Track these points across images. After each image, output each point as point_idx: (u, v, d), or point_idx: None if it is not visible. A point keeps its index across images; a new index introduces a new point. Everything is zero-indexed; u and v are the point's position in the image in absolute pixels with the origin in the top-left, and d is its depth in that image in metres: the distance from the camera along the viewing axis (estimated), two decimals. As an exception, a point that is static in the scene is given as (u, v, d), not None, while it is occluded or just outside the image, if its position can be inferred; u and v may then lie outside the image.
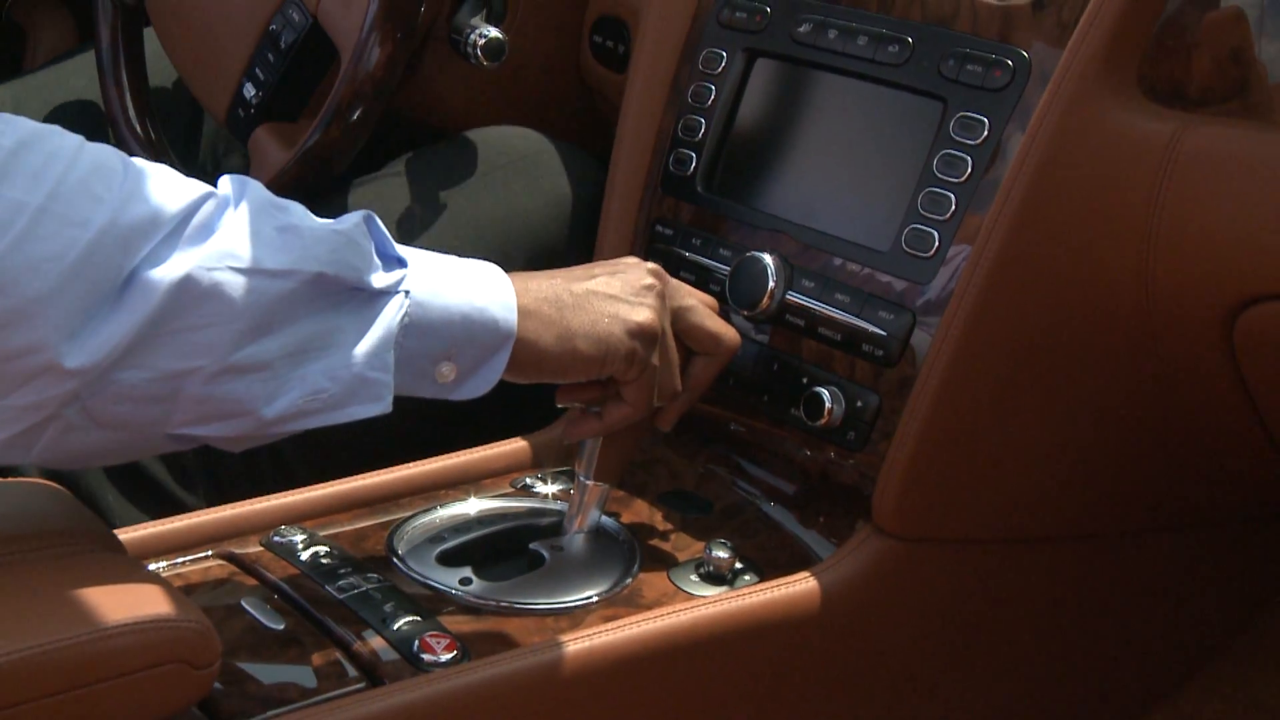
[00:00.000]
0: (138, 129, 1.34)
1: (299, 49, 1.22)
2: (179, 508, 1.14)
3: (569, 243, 1.25)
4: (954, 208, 0.95)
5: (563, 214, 1.24)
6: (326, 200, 1.21)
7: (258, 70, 1.23)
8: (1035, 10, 0.95)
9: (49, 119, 1.42)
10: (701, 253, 1.09)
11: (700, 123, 1.12)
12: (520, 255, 1.23)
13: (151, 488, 1.14)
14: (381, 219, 1.21)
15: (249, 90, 1.24)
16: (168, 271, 0.73)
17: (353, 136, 1.16)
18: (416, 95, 1.33)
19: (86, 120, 1.40)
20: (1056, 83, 0.91)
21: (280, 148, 1.21)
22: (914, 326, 0.96)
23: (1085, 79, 0.90)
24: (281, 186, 1.18)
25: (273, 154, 1.20)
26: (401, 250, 0.83)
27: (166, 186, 0.76)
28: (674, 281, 0.95)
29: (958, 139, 0.96)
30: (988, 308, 0.92)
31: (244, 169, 1.28)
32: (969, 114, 0.96)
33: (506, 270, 1.22)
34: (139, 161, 0.77)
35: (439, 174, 1.25)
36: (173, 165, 1.34)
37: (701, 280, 1.07)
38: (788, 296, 1.02)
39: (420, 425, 1.04)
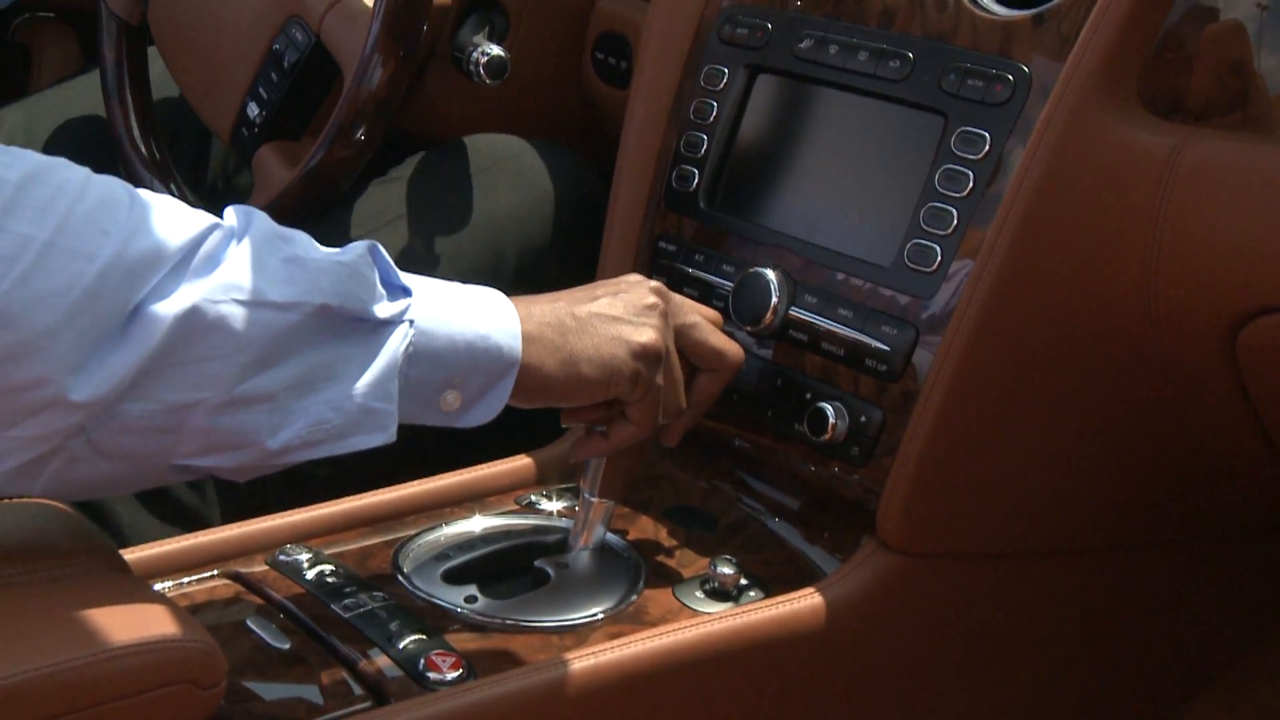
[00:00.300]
0: (142, 149, 1.35)
1: (302, 68, 1.23)
2: (188, 514, 1.14)
3: (557, 238, 1.26)
4: (956, 222, 0.95)
5: (551, 211, 1.26)
6: (323, 210, 1.22)
7: (261, 89, 1.24)
8: (1035, 25, 0.96)
9: (59, 139, 1.44)
10: (704, 268, 1.10)
11: (702, 139, 1.12)
12: (511, 252, 1.24)
13: (160, 492, 1.14)
14: (377, 226, 1.23)
15: (253, 109, 1.24)
16: (173, 305, 0.73)
17: (356, 155, 1.17)
18: (419, 112, 1.33)
19: (96, 140, 1.41)
20: (1057, 97, 0.91)
21: (284, 166, 1.21)
22: (917, 341, 0.96)
23: (1086, 93, 0.90)
24: (285, 205, 1.19)
25: (277, 173, 1.21)
26: (405, 279, 0.84)
27: (172, 219, 0.76)
28: (677, 298, 0.95)
29: (959, 154, 0.96)
30: (990, 322, 0.92)
31: (253, 187, 1.29)
32: (970, 129, 0.96)
33: (500, 267, 1.24)
34: (145, 193, 0.77)
35: (429, 180, 1.27)
36: (177, 185, 1.35)
37: (705, 296, 1.07)
38: (791, 312, 1.02)
39: (426, 440, 1.04)
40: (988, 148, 0.95)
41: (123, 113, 1.37)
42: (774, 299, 1.02)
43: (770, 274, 1.03)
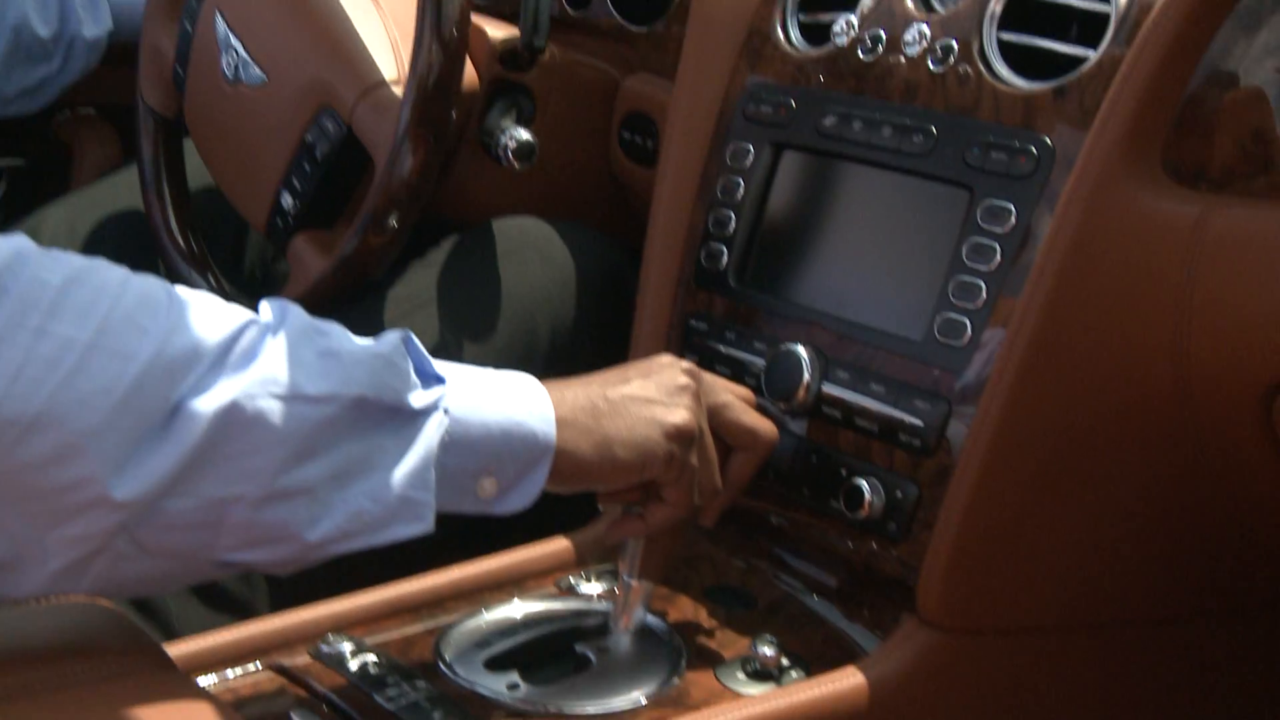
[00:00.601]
0: (180, 242, 1.37)
1: (334, 158, 1.25)
2: (235, 602, 1.15)
3: (589, 318, 1.28)
4: (985, 295, 0.96)
5: (582, 291, 1.28)
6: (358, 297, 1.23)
7: (295, 180, 1.26)
8: (1057, 97, 0.96)
9: (100, 235, 1.47)
10: (736, 346, 1.10)
11: (730, 216, 1.13)
12: (544, 334, 1.26)
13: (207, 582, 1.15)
14: (410, 310, 1.25)
15: (287, 200, 1.26)
16: (212, 401, 0.74)
17: (389, 243, 1.18)
18: (450, 195, 1.35)
19: (137, 234, 1.43)
20: (1081, 168, 0.92)
21: (318, 256, 1.23)
22: (950, 415, 0.96)
23: (1109, 163, 0.91)
24: (321, 294, 1.20)
25: (311, 263, 1.23)
26: (439, 366, 0.85)
27: (209, 315, 0.77)
28: (709, 378, 0.95)
29: (986, 227, 0.97)
30: (1022, 395, 0.92)
31: (289, 276, 1.31)
32: (996, 201, 0.97)
33: (533, 349, 1.25)
34: (182, 290, 0.79)
35: (461, 263, 1.29)
36: (215, 277, 1.38)
37: (737, 373, 1.08)
38: (823, 388, 1.03)
39: (464, 523, 1.05)
40: (1014, 220, 0.95)
41: (160, 206, 1.40)
42: (806, 376, 1.02)
43: (801, 351, 1.03)
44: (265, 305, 0.82)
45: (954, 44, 1.03)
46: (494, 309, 1.24)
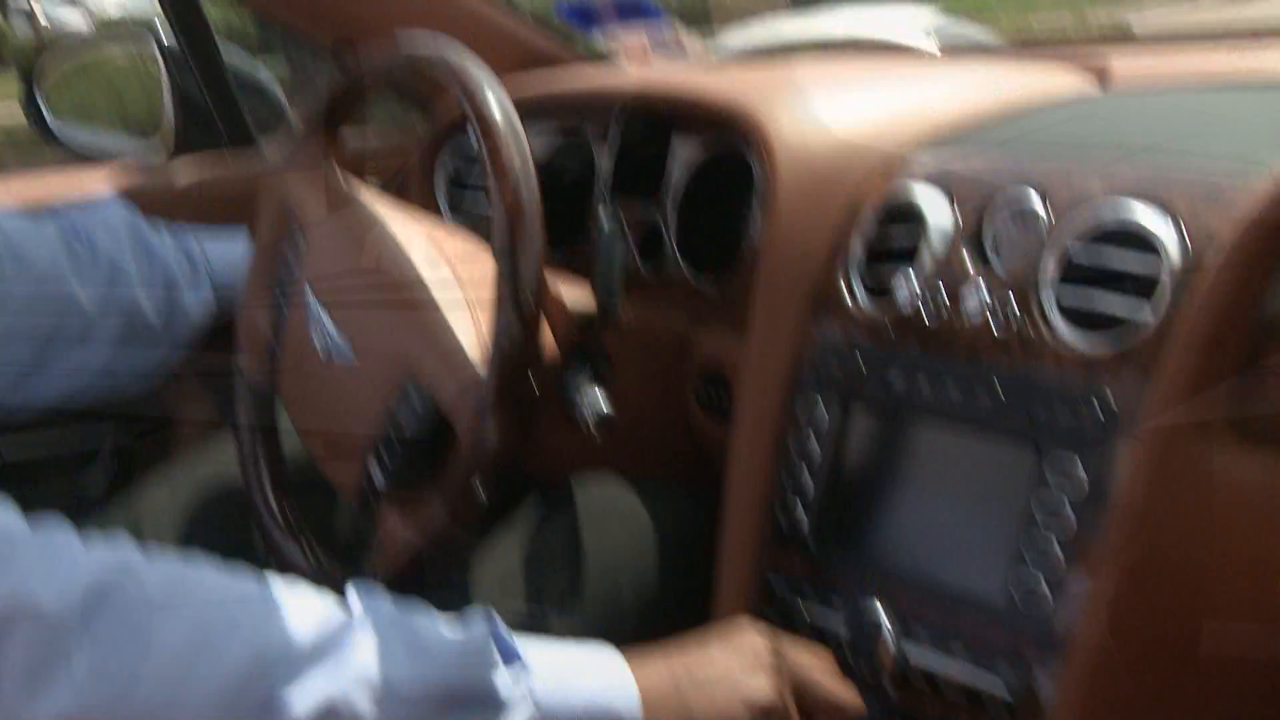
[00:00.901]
0: (275, 512, 1.41)
1: (420, 431, 1.29)
2: None
3: (672, 578, 1.29)
4: (1060, 555, 0.96)
5: (663, 551, 1.29)
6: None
7: (383, 454, 1.30)
8: (1118, 358, 0.98)
9: (200, 506, 1.52)
10: (816, 602, 1.11)
11: (804, 472, 1.16)
12: (629, 596, 1.27)
13: None
14: (495, 578, 1.27)
15: (376, 474, 1.30)
16: (306, 699, 0.77)
17: (476, 514, 1.21)
18: (528, 454, 1.38)
19: (234, 504, 1.48)
20: (1146, 430, 0.93)
21: (408, 529, 1.26)
22: (1035, 677, 0.95)
23: (1174, 426, 0.92)
24: (410, 567, 1.23)
25: (400, 535, 1.26)
26: (523, 648, 0.87)
27: (300, 610, 0.81)
28: (791, 651, 0.96)
29: (1055, 485, 0.98)
30: (1106, 654, 0.92)
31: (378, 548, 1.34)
32: (1064, 459, 0.98)
33: (618, 612, 1.26)
34: (275, 585, 0.82)
35: (543, 527, 1.31)
36: (308, 544, 1.41)
37: (818, 634, 1.09)
38: (906, 652, 1.03)
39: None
40: (1083, 477, 0.97)
41: (257, 476, 1.44)
42: (887, 641, 1.03)
43: (882, 615, 1.04)
44: (353, 595, 0.86)
45: (1014, 302, 1.06)
46: (578, 577, 1.26)
